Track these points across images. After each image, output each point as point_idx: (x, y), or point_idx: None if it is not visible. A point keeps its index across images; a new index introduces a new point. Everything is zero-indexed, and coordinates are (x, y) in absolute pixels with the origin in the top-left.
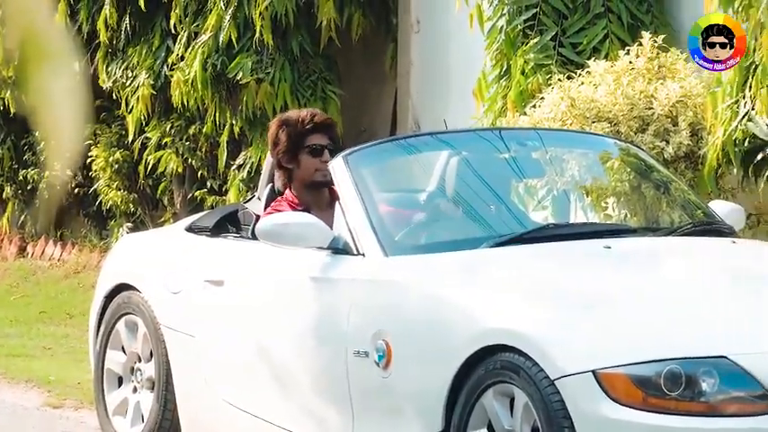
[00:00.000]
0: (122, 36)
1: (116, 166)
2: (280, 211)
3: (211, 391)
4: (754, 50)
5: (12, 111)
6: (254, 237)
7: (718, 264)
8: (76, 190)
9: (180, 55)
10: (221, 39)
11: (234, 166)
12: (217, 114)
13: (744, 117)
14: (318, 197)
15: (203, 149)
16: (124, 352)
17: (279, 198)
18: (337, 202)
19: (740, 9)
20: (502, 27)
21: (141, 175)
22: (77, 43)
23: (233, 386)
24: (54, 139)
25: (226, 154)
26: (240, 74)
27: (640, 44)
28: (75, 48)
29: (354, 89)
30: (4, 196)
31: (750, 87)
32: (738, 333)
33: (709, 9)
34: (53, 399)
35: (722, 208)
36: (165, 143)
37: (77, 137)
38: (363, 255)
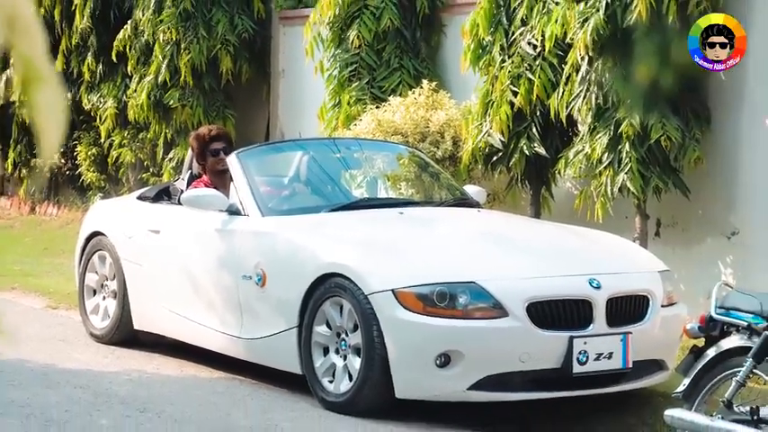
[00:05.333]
0: (98, 76)
1: (93, 157)
2: (197, 187)
3: (153, 299)
4: (491, 92)
5: (27, 122)
6: (179, 203)
7: (470, 224)
8: (68, 172)
9: (134, 89)
10: (160, 79)
11: (167, 159)
12: (156, 126)
13: (485, 133)
14: (222, 179)
15: (147, 148)
16: (97, 274)
17: (197, 180)
18: (232, 182)
19: (482, 66)
20: (335, 75)
21: (109, 164)
22: (69, 80)
23: (166, 296)
24: (49, 140)
25: (162, 151)
26: (171, 101)
27: (422, 87)
28: (65, 82)
29: (243, 112)
30: (21, 176)
31: (489, 115)
32: (482, 267)
33: (464, 67)
34: (52, 303)
35: (472, 190)
36: (124, 144)
37: (62, 137)
38: (248, 215)
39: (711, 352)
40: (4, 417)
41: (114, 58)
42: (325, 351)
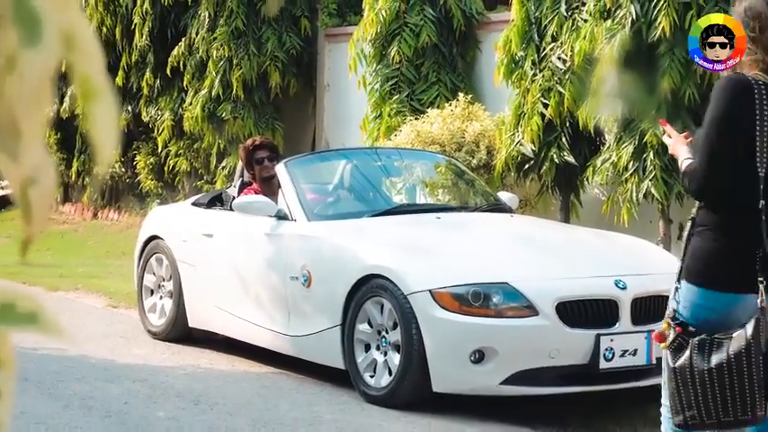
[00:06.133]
0: (156, 90)
1: (151, 166)
2: (248, 194)
3: (206, 299)
4: (523, 104)
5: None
6: (231, 209)
7: (503, 228)
8: (128, 180)
9: (189, 102)
10: (213, 93)
11: (219, 168)
12: (210, 137)
13: (517, 143)
14: (271, 187)
15: (201, 157)
16: (154, 275)
17: (248, 187)
18: (280, 189)
19: (515, 79)
20: (377, 89)
21: (166, 172)
22: (129, 94)
23: (218, 296)
24: (104, 152)
25: (215, 160)
26: (224, 113)
27: (458, 100)
28: (126, 97)
29: (291, 123)
30: (84, 183)
31: (521, 126)
32: (514, 268)
33: (498, 80)
34: (112, 302)
35: (505, 196)
36: (180, 153)
37: (116, 150)
38: (295, 220)
39: None
40: (68, 408)
41: (170, 73)
42: (367, 348)
